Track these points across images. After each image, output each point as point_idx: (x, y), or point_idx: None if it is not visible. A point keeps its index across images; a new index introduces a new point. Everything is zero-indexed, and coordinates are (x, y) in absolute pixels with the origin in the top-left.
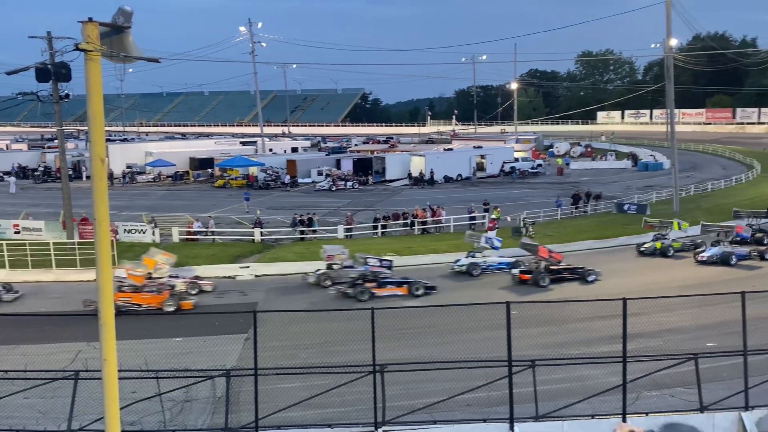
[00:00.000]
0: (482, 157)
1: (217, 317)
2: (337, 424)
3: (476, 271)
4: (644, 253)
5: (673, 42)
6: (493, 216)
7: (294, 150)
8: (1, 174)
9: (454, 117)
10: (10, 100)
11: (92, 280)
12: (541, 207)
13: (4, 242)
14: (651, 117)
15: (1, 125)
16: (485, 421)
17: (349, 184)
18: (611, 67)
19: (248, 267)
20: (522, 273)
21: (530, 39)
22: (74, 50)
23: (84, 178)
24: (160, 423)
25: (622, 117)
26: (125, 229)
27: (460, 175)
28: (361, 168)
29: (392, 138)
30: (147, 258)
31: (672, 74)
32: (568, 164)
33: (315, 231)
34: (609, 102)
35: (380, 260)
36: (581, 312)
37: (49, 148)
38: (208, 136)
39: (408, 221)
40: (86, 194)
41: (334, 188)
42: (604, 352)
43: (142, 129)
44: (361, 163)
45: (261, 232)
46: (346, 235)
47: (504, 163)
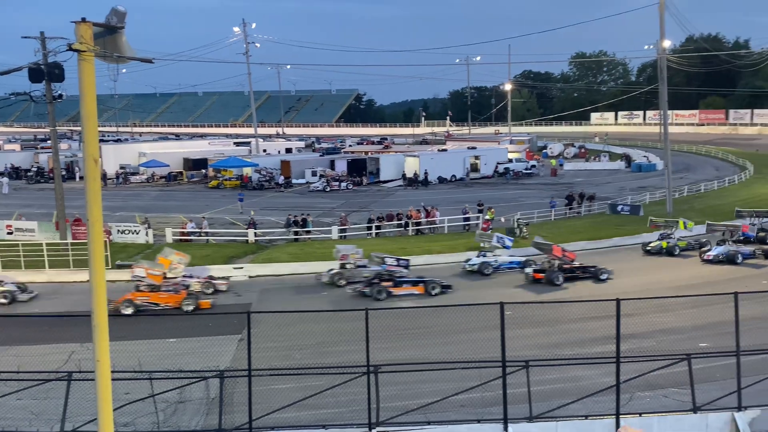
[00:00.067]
0: (476, 158)
1: (210, 318)
2: (331, 425)
3: (488, 270)
4: (650, 252)
5: (667, 43)
6: (487, 217)
7: (288, 151)
8: None
9: (448, 118)
10: (3, 101)
11: (86, 281)
12: (535, 208)
13: None
14: (644, 118)
15: None
16: (479, 421)
17: (343, 184)
18: (605, 69)
19: (242, 268)
20: (536, 272)
21: (524, 40)
22: (67, 50)
23: (77, 179)
24: (153, 424)
25: (616, 118)
26: (118, 230)
27: (454, 176)
28: (355, 169)
29: (386, 139)
30: (162, 257)
31: (665, 75)
32: (561, 165)
33: (309, 232)
34: (602, 103)
35: (397, 259)
36: (575, 312)
37: (42, 148)
38: (202, 136)
39: (402, 222)
40: (79, 195)
41: (328, 189)
42: (598, 352)
43: (135, 129)
44: (355, 164)
45: (255, 233)
46: (340, 236)
47: (498, 164)
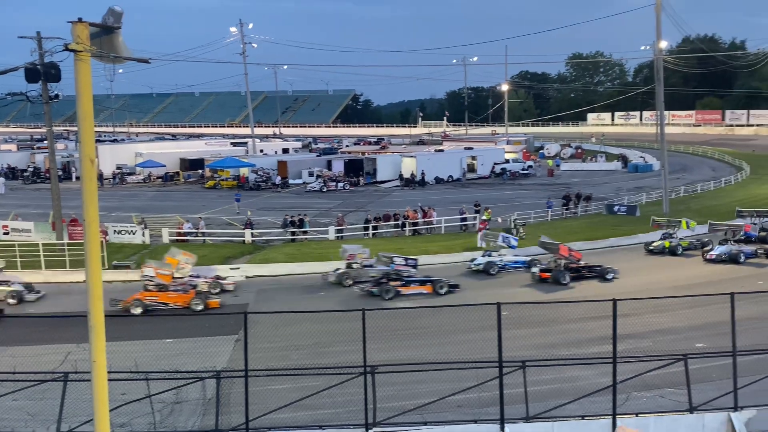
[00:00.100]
0: (473, 158)
1: (207, 318)
2: (328, 426)
3: (493, 270)
4: (653, 251)
5: (663, 44)
6: (483, 217)
7: (285, 151)
8: None
9: (445, 118)
10: None
11: (82, 282)
12: (532, 208)
13: None
14: (641, 119)
15: None
16: (476, 422)
17: (340, 185)
18: (601, 69)
19: (239, 268)
20: (542, 271)
21: (521, 41)
22: (64, 50)
23: (74, 179)
24: (150, 425)
25: (612, 119)
26: (115, 230)
27: (451, 176)
28: (352, 169)
29: (383, 139)
30: (169, 257)
31: (662, 76)
32: (558, 166)
33: (306, 232)
34: (599, 104)
35: (406, 259)
36: (573, 313)
37: (38, 148)
38: (199, 136)
39: (399, 222)
40: (76, 195)
41: (325, 189)
42: (595, 352)
43: (132, 129)
44: (352, 165)
45: (252, 234)
46: (337, 237)
47: (495, 164)
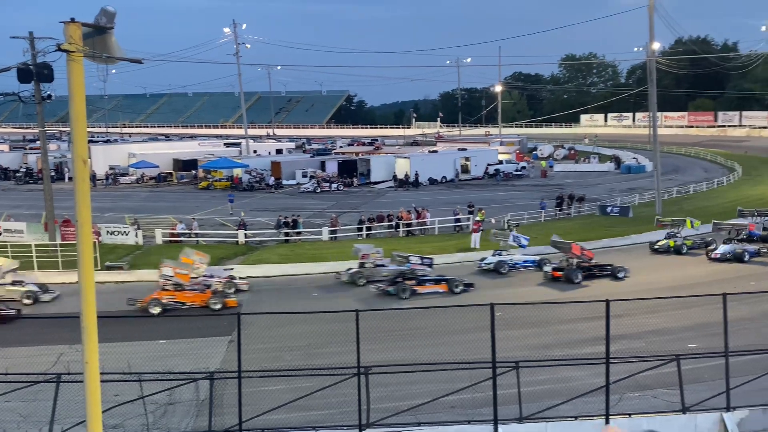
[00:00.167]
0: (467, 159)
1: (200, 320)
2: (321, 427)
3: (504, 269)
4: (658, 250)
5: (656, 46)
6: (477, 218)
7: (278, 152)
8: None
9: (438, 119)
10: None
11: (75, 282)
12: (525, 209)
13: None
14: (634, 120)
15: None
16: (469, 422)
17: (334, 185)
18: (594, 71)
19: (232, 269)
20: (554, 270)
21: (514, 42)
22: (56, 51)
23: (66, 180)
24: (143, 426)
25: (605, 120)
26: (108, 231)
27: (444, 177)
28: (345, 170)
29: (377, 140)
30: (184, 257)
31: (654, 78)
32: (551, 167)
33: (299, 233)
34: (592, 105)
35: (421, 258)
36: (566, 313)
37: (30, 149)
38: (192, 137)
39: (393, 223)
40: (68, 196)
41: (318, 190)
42: (588, 353)
43: (125, 130)
44: (346, 165)
45: (245, 234)
46: (331, 237)
47: (488, 165)
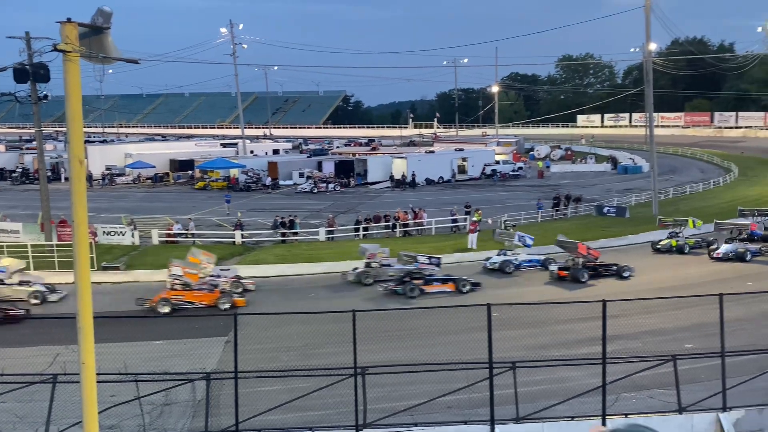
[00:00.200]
0: (463, 159)
1: (197, 320)
2: (318, 427)
3: (509, 268)
4: (660, 250)
5: (652, 46)
6: (474, 218)
7: (275, 152)
8: None
9: (435, 120)
10: None
11: (71, 283)
12: (522, 209)
13: None
14: (630, 120)
15: None
16: (466, 423)
17: (331, 186)
18: (591, 71)
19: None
20: (560, 269)
21: (511, 43)
22: (53, 51)
23: (62, 180)
24: (139, 427)
25: (602, 120)
26: (104, 231)
27: (441, 177)
28: (342, 170)
29: (374, 140)
30: (191, 257)
31: (651, 78)
32: (548, 167)
33: (296, 233)
34: (589, 105)
35: (429, 258)
36: (563, 314)
37: (27, 149)
38: (189, 137)
39: (390, 224)
40: (65, 196)
41: (315, 190)
42: (585, 353)
43: (121, 130)
44: (343, 166)
45: (242, 235)
46: (328, 238)
47: (485, 165)
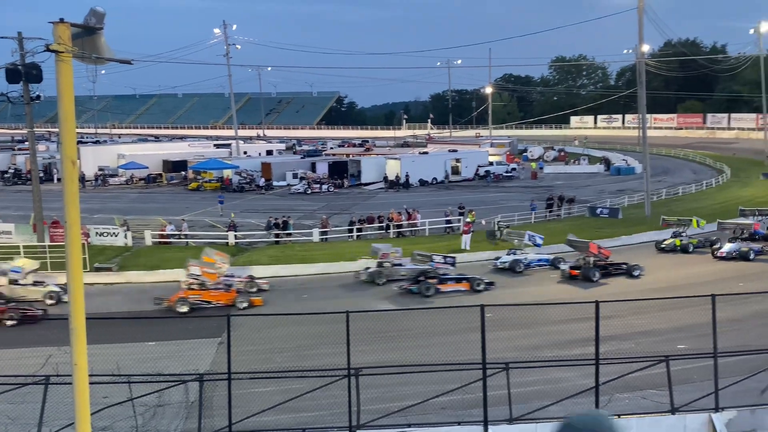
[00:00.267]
0: (457, 160)
1: (190, 321)
2: (311, 428)
3: (519, 268)
4: (664, 249)
5: (645, 48)
6: (468, 219)
7: (269, 153)
8: None
9: (429, 121)
10: None
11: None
12: (516, 210)
13: None
14: (623, 122)
15: None
16: (459, 424)
17: (325, 187)
18: (584, 73)
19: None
20: (572, 268)
21: (505, 44)
22: (45, 51)
23: (55, 181)
24: (132, 428)
25: (595, 122)
26: (97, 232)
27: (435, 178)
28: (336, 171)
29: (368, 141)
30: (206, 257)
31: (644, 80)
32: (541, 168)
33: (290, 234)
34: (582, 107)
35: (444, 257)
36: (556, 315)
37: (19, 149)
38: (182, 138)
39: (383, 225)
40: (57, 197)
41: (309, 191)
42: (578, 354)
43: (114, 131)
44: (337, 167)
45: (235, 236)
46: (322, 239)
47: (479, 167)
